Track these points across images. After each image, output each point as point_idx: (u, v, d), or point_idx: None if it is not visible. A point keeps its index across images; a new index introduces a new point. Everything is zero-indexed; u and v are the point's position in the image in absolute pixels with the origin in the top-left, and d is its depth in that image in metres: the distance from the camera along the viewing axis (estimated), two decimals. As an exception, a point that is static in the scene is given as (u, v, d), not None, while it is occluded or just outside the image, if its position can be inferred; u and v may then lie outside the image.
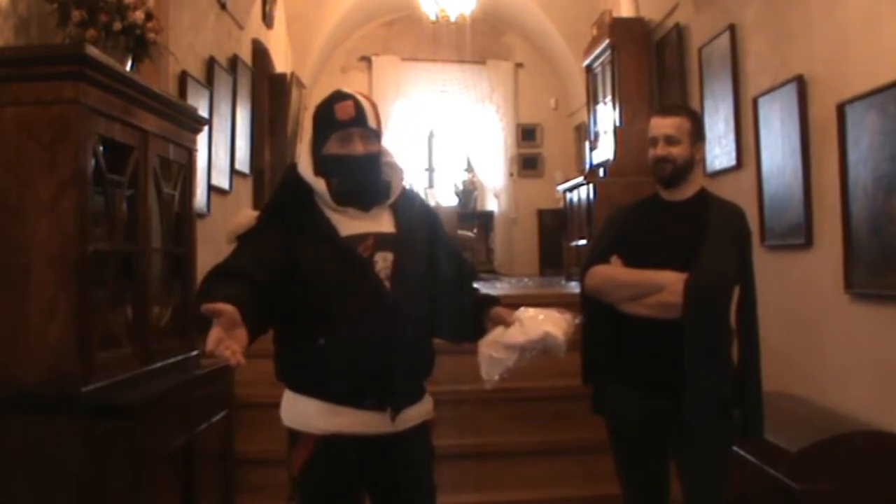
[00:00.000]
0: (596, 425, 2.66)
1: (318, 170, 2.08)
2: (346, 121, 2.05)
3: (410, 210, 2.20)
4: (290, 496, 2.25)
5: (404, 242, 2.11)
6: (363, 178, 2.09)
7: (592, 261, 2.55)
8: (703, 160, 4.58)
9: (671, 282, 2.36)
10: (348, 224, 2.07)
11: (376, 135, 2.11)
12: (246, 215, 2.10)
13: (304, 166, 2.10)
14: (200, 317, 1.69)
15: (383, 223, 2.12)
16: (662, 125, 2.51)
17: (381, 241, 2.08)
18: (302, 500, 2.09)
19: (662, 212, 2.54)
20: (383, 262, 2.06)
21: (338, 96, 2.09)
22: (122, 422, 2.45)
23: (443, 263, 2.20)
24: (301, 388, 2.07)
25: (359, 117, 2.06)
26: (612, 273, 2.48)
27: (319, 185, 2.06)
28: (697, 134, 2.52)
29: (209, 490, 3.17)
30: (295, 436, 2.07)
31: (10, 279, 2.38)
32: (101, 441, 2.38)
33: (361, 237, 2.06)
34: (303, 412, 2.06)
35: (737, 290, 2.46)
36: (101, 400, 2.44)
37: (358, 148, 2.06)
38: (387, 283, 2.04)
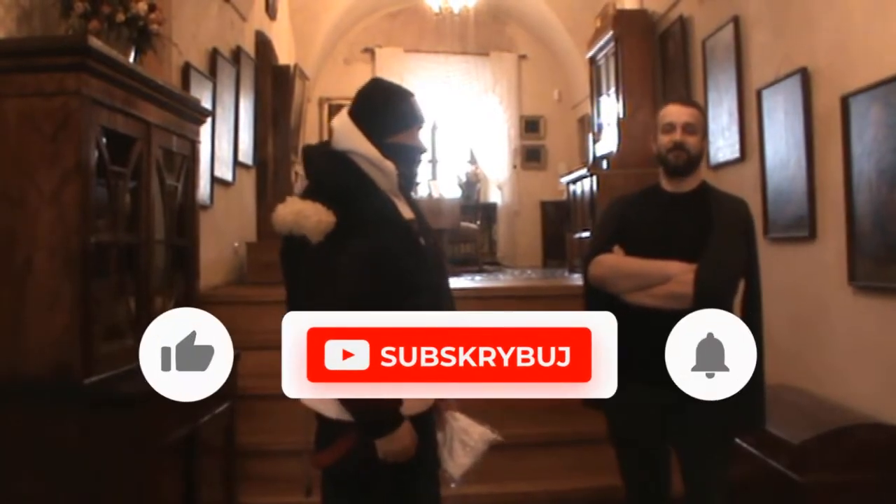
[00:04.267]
0: (597, 417, 2.65)
1: (384, 155, 2.09)
2: (424, 117, 2.20)
3: (410, 198, 2.28)
4: (309, 488, 2.22)
5: (426, 229, 2.22)
6: (420, 167, 2.26)
7: (596, 251, 2.54)
8: (707, 155, 4.61)
9: (679, 272, 2.35)
10: (403, 209, 2.14)
11: None
12: (315, 213, 1.97)
13: (368, 152, 2.07)
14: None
15: (406, 210, 2.18)
16: (682, 113, 2.50)
17: (417, 226, 2.18)
18: (338, 490, 2.05)
19: (666, 202, 2.53)
20: None
21: (411, 94, 2.19)
22: (125, 413, 2.45)
23: None
24: None
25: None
26: (619, 262, 2.47)
27: (390, 168, 2.08)
28: (706, 129, 2.57)
29: (211, 481, 3.19)
30: (333, 426, 1.99)
31: (13, 270, 2.38)
32: (103, 432, 2.38)
33: (413, 222, 2.16)
34: None
35: (741, 283, 2.46)
36: (103, 391, 2.44)
37: (424, 141, 2.22)
38: None
